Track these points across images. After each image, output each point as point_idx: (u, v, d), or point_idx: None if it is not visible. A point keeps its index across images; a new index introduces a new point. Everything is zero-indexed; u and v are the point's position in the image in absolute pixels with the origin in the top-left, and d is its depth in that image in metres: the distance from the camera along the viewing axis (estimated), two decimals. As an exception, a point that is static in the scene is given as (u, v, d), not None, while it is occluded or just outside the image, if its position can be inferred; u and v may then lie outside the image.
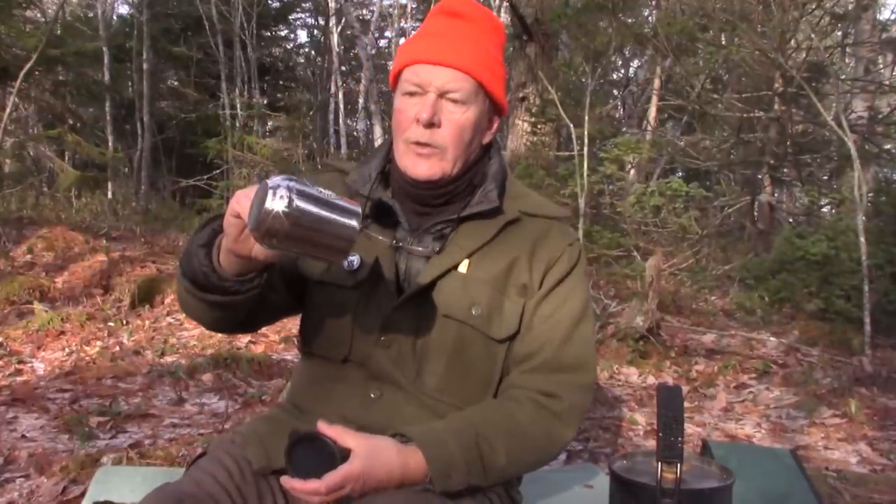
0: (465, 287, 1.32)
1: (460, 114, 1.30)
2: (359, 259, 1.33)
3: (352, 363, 1.35)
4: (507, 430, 1.26)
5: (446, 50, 1.30)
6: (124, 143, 10.80)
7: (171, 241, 7.32)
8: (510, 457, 1.25)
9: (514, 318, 1.33)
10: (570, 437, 1.33)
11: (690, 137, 9.06)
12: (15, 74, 7.05)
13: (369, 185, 1.37)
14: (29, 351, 4.45)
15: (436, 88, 1.29)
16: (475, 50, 1.31)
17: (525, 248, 1.35)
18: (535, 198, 1.44)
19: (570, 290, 1.36)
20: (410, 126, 1.30)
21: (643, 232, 6.06)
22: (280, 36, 14.23)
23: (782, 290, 5.27)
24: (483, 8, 1.38)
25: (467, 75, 1.29)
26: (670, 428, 1.12)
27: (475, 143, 1.35)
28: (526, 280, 1.34)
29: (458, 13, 1.35)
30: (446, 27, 1.33)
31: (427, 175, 1.31)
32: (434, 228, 1.35)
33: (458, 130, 1.30)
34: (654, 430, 1.77)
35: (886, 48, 8.98)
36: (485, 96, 1.33)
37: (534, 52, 7.70)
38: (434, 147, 1.30)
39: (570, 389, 1.32)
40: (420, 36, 1.35)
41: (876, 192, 6.03)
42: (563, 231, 1.40)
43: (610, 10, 6.06)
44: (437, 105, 1.29)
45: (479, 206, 1.34)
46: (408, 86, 1.31)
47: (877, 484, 2.69)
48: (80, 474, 2.57)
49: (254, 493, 1.27)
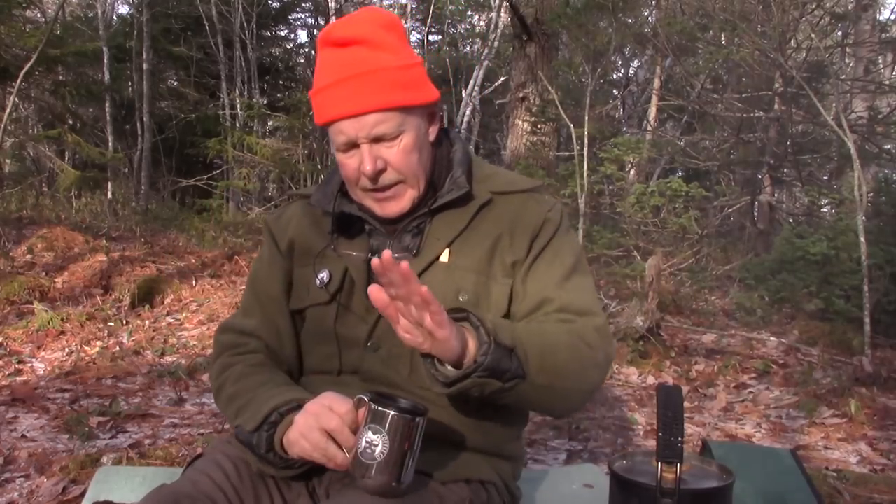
0: (449, 276, 1.31)
1: (400, 145, 1.28)
2: (327, 273, 1.36)
3: (345, 374, 1.37)
4: (532, 329, 1.24)
5: (355, 97, 1.25)
6: (124, 143, 10.78)
7: (171, 241, 7.32)
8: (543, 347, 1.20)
9: (502, 300, 1.32)
10: (601, 360, 1.27)
11: (690, 137, 9.06)
12: (15, 74, 7.04)
13: (333, 201, 1.37)
14: (29, 351, 4.45)
15: (365, 138, 1.27)
16: (381, 78, 1.26)
17: (504, 227, 1.34)
18: (505, 175, 1.43)
19: (558, 248, 1.35)
20: (360, 178, 1.30)
21: (643, 232, 6.06)
22: (280, 36, 14.21)
23: (782, 290, 5.26)
24: (363, 14, 1.31)
25: (387, 111, 1.26)
26: (670, 428, 1.11)
27: (426, 153, 1.33)
28: (512, 258, 1.33)
29: (344, 41, 1.28)
30: (341, 64, 1.27)
31: (399, 211, 1.32)
32: (410, 226, 1.35)
33: (405, 159, 1.28)
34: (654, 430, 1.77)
35: (886, 48, 8.97)
36: (412, 111, 1.29)
37: (534, 52, 7.71)
38: (393, 184, 1.30)
39: (582, 323, 1.28)
40: (323, 84, 1.29)
41: (876, 192, 6.02)
42: (538, 201, 1.38)
43: (610, 10, 6.06)
44: (375, 151, 1.27)
45: (449, 195, 1.33)
46: (339, 144, 1.29)
47: (877, 484, 2.68)
48: (80, 474, 2.58)
49: (251, 494, 1.28)
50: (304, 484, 1.32)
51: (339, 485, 1.29)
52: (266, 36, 12.99)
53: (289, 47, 14.70)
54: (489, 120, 14.92)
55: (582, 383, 1.27)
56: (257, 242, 7.22)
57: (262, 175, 10.57)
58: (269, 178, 10.90)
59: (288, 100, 11.30)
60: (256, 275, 1.50)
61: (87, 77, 10.24)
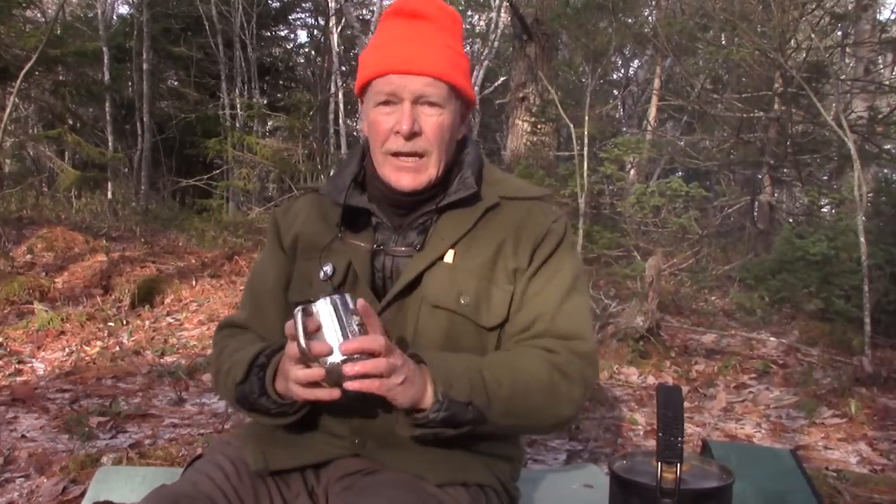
0: (452, 277, 1.32)
1: (439, 117, 1.30)
2: (332, 267, 1.36)
3: None
4: (509, 366, 1.26)
5: (415, 56, 1.28)
6: (124, 143, 10.78)
7: (171, 241, 7.32)
8: (514, 389, 1.23)
9: (502, 305, 1.33)
10: (576, 396, 1.29)
11: (690, 137, 9.06)
12: (15, 74, 7.05)
13: (343, 192, 1.38)
14: (29, 351, 4.45)
15: (410, 94, 1.28)
16: (442, 52, 1.30)
17: (509, 232, 1.35)
18: (515, 181, 1.45)
19: (559, 265, 1.35)
20: (389, 137, 1.30)
21: (643, 232, 6.07)
22: (280, 36, 14.20)
23: (782, 290, 5.27)
24: (438, 2, 1.36)
25: (439, 80, 1.29)
26: (670, 428, 1.12)
27: (452, 144, 1.35)
28: (514, 265, 1.34)
29: (416, 13, 1.32)
30: (408, 31, 1.31)
31: (413, 186, 1.32)
32: (416, 223, 1.36)
33: (439, 133, 1.30)
34: (654, 430, 1.77)
35: (886, 48, 8.96)
36: (456, 96, 1.33)
37: (534, 52, 7.71)
38: (418, 155, 1.30)
39: (568, 352, 1.30)
40: (383, 43, 1.33)
41: (876, 192, 6.02)
42: (544, 210, 1.39)
43: (610, 10, 6.06)
44: (415, 112, 1.29)
45: (457, 194, 1.34)
46: (380, 96, 1.30)
47: (877, 484, 2.68)
48: (80, 474, 2.57)
49: (250, 494, 1.27)
50: (304, 484, 1.32)
51: (337, 486, 1.29)
52: (266, 36, 12.98)
53: (289, 47, 14.70)
54: (489, 120, 14.92)
55: (552, 418, 1.31)
56: (257, 242, 7.22)
57: (262, 175, 10.56)
58: (269, 178, 10.90)
59: (288, 100, 11.31)
60: (255, 269, 1.53)
61: (87, 77, 10.24)
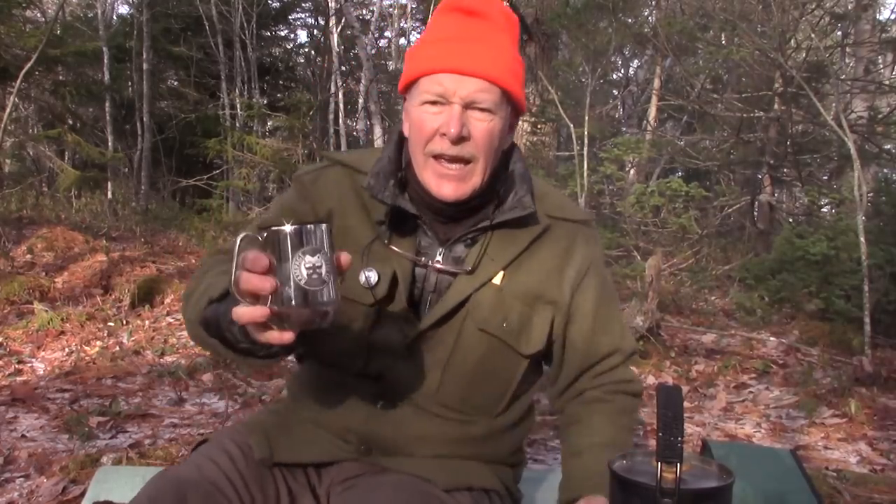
0: (499, 300, 1.28)
1: (489, 123, 1.22)
2: (376, 275, 1.27)
3: (363, 375, 1.31)
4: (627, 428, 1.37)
5: (470, 58, 1.21)
6: (124, 143, 10.78)
7: (171, 241, 7.32)
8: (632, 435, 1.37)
9: (542, 333, 1.32)
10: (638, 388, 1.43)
11: (690, 137, 9.07)
12: (15, 74, 7.04)
13: (388, 191, 1.27)
14: (29, 351, 4.45)
15: (461, 99, 1.21)
16: (498, 54, 1.23)
17: (555, 260, 1.32)
18: (558, 196, 1.40)
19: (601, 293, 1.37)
20: (434, 138, 1.23)
21: (643, 232, 6.07)
22: (280, 36, 14.21)
23: (782, 290, 5.27)
24: (497, 1, 1.29)
25: (494, 84, 1.22)
26: (670, 428, 1.11)
27: (499, 152, 1.28)
28: (556, 296, 1.32)
29: (474, 11, 1.25)
30: (464, 29, 1.24)
31: (455, 196, 1.24)
32: (466, 237, 1.30)
33: (488, 139, 1.23)
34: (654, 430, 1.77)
35: (886, 48, 8.96)
36: (508, 102, 1.26)
37: (534, 52, 7.70)
38: (463, 162, 1.23)
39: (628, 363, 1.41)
40: (437, 40, 1.25)
41: (876, 192, 6.03)
42: (587, 239, 1.36)
43: (610, 10, 6.07)
44: (464, 116, 1.21)
45: (512, 213, 1.27)
46: (429, 95, 1.22)
47: (877, 484, 2.69)
48: (80, 474, 2.57)
49: (256, 479, 1.23)
50: (307, 480, 1.30)
51: (339, 487, 1.29)
52: (266, 36, 12.99)
53: (289, 47, 14.70)
54: (489, 120, 14.88)
55: None
56: (257, 242, 7.20)
57: (262, 175, 10.55)
58: (269, 178, 10.89)
59: (288, 100, 11.30)
60: (274, 210, 1.39)
61: (87, 77, 10.23)
